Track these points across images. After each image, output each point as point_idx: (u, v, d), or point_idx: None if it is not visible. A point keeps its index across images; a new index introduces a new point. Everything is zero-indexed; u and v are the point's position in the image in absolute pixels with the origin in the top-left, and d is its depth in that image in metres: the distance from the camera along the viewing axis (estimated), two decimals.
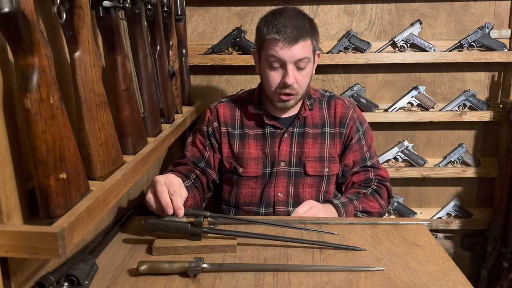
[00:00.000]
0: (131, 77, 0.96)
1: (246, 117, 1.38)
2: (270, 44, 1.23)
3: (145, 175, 1.40)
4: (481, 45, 1.85)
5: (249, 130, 1.37)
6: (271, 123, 1.35)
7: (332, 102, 1.39)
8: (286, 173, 1.34)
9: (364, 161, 1.39)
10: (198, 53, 1.88)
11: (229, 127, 1.38)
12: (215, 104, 1.42)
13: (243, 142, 1.36)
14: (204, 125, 1.40)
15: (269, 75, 1.26)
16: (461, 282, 0.88)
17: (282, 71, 1.25)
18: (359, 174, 1.40)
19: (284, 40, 1.20)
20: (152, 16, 1.17)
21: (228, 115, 1.39)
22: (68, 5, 0.71)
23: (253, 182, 1.35)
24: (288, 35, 1.20)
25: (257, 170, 1.34)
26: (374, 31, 1.90)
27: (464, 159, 1.96)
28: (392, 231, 1.11)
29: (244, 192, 1.36)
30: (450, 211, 2.02)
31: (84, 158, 0.78)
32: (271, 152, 1.35)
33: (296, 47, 1.21)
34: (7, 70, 0.64)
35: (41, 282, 0.74)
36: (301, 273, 0.90)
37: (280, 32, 1.20)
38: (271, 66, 1.25)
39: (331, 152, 1.36)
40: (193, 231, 1.00)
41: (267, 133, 1.36)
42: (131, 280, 0.88)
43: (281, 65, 1.24)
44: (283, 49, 1.21)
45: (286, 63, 1.22)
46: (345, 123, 1.37)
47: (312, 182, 1.35)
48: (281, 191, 1.34)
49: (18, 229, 0.62)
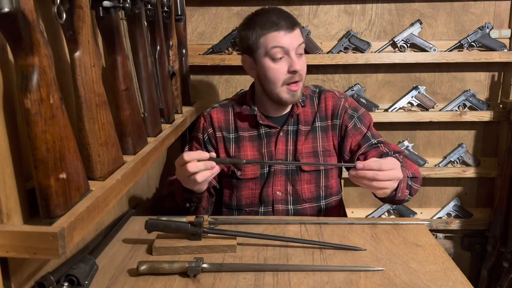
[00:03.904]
0: (131, 77, 0.96)
1: (240, 119, 1.38)
2: (270, 38, 1.24)
3: (145, 175, 1.41)
4: (481, 45, 1.85)
5: (243, 132, 1.37)
6: (266, 123, 1.35)
7: (322, 96, 1.39)
8: (283, 171, 1.34)
9: (367, 140, 1.34)
10: (198, 53, 1.88)
11: (224, 132, 1.38)
12: (208, 111, 1.42)
13: (238, 145, 1.36)
14: (199, 133, 1.40)
15: (274, 69, 1.26)
16: (461, 282, 0.88)
17: (286, 61, 1.25)
18: (370, 153, 1.32)
19: (283, 28, 1.23)
20: (152, 16, 1.17)
21: (222, 120, 1.39)
22: (68, 5, 0.71)
23: (252, 183, 1.35)
24: (285, 23, 1.24)
25: (255, 172, 1.34)
26: (374, 31, 1.90)
27: (464, 159, 1.96)
28: (392, 231, 1.11)
29: (245, 194, 1.36)
30: (450, 211, 2.02)
31: (84, 158, 0.78)
32: (267, 152, 1.35)
33: (294, 33, 1.25)
34: (7, 70, 0.64)
35: (41, 282, 0.74)
36: (301, 273, 0.90)
37: (277, 23, 1.24)
38: (274, 58, 1.25)
39: (325, 145, 1.36)
40: (193, 231, 1.00)
41: (262, 134, 1.36)
42: (131, 280, 0.88)
43: (285, 54, 1.25)
44: (284, 37, 1.23)
45: (289, 51, 1.24)
46: (338, 114, 1.36)
47: (310, 178, 1.35)
48: (280, 190, 1.34)
49: (18, 229, 0.62)
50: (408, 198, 1.20)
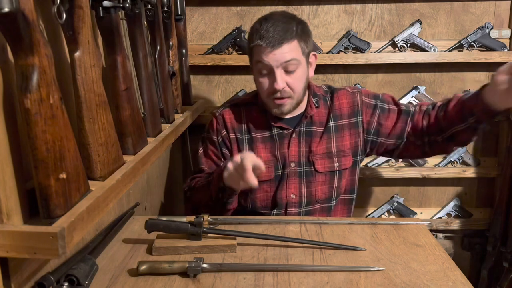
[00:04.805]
0: (131, 77, 0.96)
1: (252, 120, 1.36)
2: (256, 51, 1.23)
3: (145, 175, 1.41)
4: (481, 45, 1.85)
5: (256, 133, 1.35)
6: (278, 125, 1.33)
7: (335, 95, 1.36)
8: (297, 173, 1.32)
9: (406, 113, 1.32)
10: (198, 53, 1.88)
11: (237, 133, 1.36)
12: (220, 111, 1.40)
13: (251, 147, 1.34)
14: (213, 135, 1.38)
15: (260, 82, 1.26)
16: (461, 282, 0.88)
17: (268, 77, 1.24)
18: (418, 115, 1.30)
19: (266, 45, 1.20)
20: (152, 16, 1.17)
21: (234, 121, 1.37)
22: (68, 5, 0.71)
23: (267, 185, 1.33)
24: (270, 39, 1.19)
25: (269, 174, 1.31)
26: (374, 31, 1.90)
27: (464, 159, 1.95)
28: (392, 231, 1.11)
29: (260, 196, 1.34)
30: (450, 211, 2.02)
31: (84, 158, 0.78)
32: (281, 154, 1.33)
33: (280, 50, 1.20)
34: (7, 70, 0.64)
35: (41, 282, 0.74)
36: (301, 273, 0.90)
37: (263, 37, 1.20)
38: (260, 73, 1.25)
39: (339, 145, 1.33)
40: (193, 231, 1.00)
41: (274, 135, 1.34)
42: (131, 280, 0.88)
43: (269, 71, 1.23)
44: (266, 54, 1.20)
45: (273, 68, 1.21)
46: (357, 110, 1.34)
47: (324, 179, 1.33)
48: (294, 192, 1.32)
49: (18, 229, 0.62)
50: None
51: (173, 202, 1.79)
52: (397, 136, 1.33)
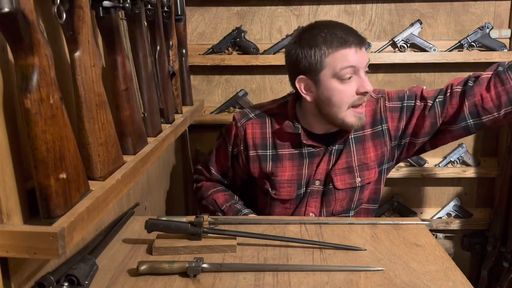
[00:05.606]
0: (131, 77, 0.96)
1: (280, 135, 1.25)
2: (339, 56, 1.11)
3: (145, 175, 1.41)
4: (481, 45, 1.85)
5: (283, 150, 1.25)
6: (310, 143, 1.23)
7: None
8: (319, 192, 1.26)
9: (438, 94, 1.20)
10: (198, 53, 1.88)
11: (259, 150, 1.26)
12: (243, 122, 1.29)
13: (276, 164, 1.25)
14: (229, 145, 1.31)
15: (341, 91, 1.13)
16: (461, 282, 0.88)
17: (355, 81, 1.13)
18: (452, 94, 1.17)
19: (354, 46, 1.11)
20: (152, 16, 1.17)
21: (258, 136, 1.27)
22: (68, 5, 0.71)
23: (287, 203, 1.28)
24: (354, 39, 1.11)
25: (290, 193, 1.26)
26: (374, 31, 1.90)
27: (464, 159, 1.95)
28: (392, 231, 1.11)
29: (278, 211, 1.29)
30: (450, 211, 2.02)
31: (84, 158, 0.77)
32: (307, 173, 1.25)
33: (363, 50, 1.14)
34: (7, 70, 0.64)
35: (41, 282, 0.74)
36: (301, 273, 0.90)
37: (347, 40, 1.11)
38: (343, 79, 1.12)
39: (361, 158, 1.24)
40: (193, 231, 1.00)
41: (305, 153, 1.24)
42: (131, 280, 0.88)
43: (354, 74, 1.12)
44: (355, 55, 1.11)
45: (359, 70, 1.12)
46: (381, 118, 1.24)
47: (344, 196, 1.25)
48: (313, 211, 1.26)
49: (18, 229, 0.62)
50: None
51: (173, 202, 1.79)
52: (427, 134, 1.22)
